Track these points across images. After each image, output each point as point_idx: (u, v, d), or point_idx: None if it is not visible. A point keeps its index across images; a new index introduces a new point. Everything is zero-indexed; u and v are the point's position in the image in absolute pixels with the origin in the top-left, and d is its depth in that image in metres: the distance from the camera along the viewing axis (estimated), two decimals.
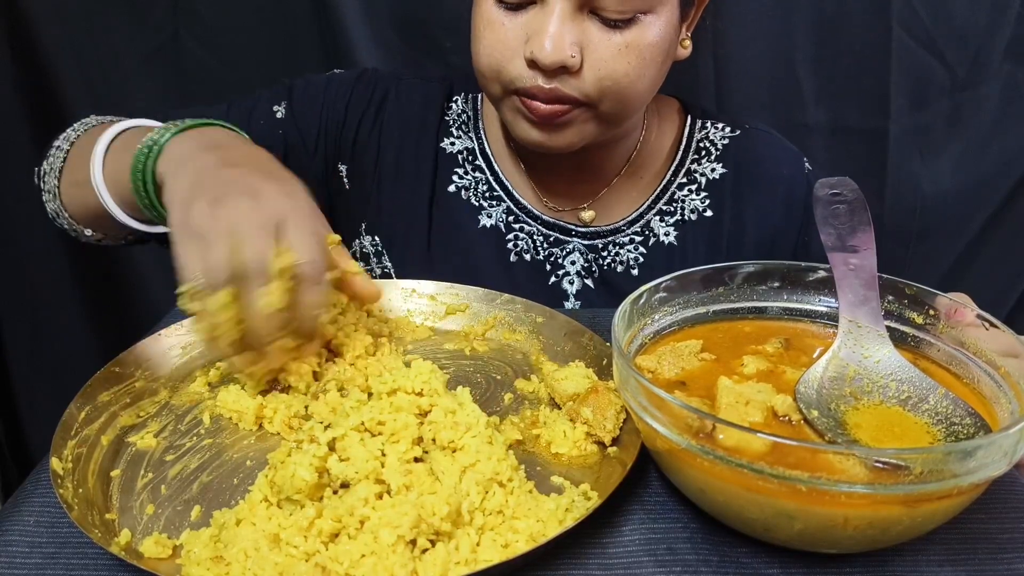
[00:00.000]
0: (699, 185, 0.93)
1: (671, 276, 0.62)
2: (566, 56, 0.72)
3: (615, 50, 0.74)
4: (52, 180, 0.84)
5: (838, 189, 0.62)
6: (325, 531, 0.47)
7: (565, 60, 0.72)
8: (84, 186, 0.78)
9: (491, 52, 0.77)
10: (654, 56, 0.76)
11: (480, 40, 0.78)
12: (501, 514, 0.50)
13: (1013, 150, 1.20)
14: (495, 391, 0.67)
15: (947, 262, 1.28)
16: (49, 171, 0.85)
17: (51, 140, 0.87)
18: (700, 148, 0.94)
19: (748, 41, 1.15)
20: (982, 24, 1.13)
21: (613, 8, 0.73)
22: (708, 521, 0.52)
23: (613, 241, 0.93)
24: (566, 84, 0.75)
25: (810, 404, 0.53)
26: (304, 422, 0.60)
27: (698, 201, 0.93)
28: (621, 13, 0.73)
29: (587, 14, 0.74)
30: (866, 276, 0.58)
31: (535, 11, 0.74)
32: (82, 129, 0.86)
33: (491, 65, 0.77)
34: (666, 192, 0.93)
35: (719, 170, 0.93)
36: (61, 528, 0.51)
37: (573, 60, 0.73)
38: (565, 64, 0.73)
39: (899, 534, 0.46)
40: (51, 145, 0.86)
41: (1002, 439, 0.43)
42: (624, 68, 0.75)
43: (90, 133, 0.83)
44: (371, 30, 1.16)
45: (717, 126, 0.96)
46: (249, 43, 1.18)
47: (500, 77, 0.77)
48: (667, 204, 0.93)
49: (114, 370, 0.63)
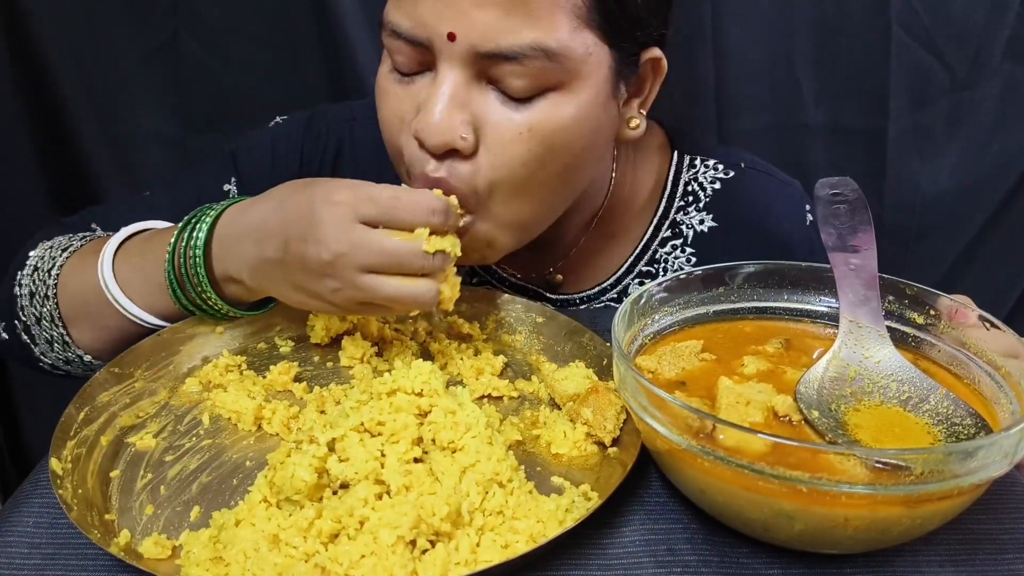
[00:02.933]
0: (685, 240, 0.82)
1: (671, 276, 0.62)
2: (455, 136, 0.60)
3: (514, 133, 0.61)
4: (56, 332, 0.72)
5: (839, 189, 0.62)
6: (325, 532, 0.47)
7: (453, 141, 0.60)
8: (106, 318, 0.69)
9: (388, 127, 0.66)
10: (567, 142, 0.63)
11: (378, 111, 0.67)
12: (501, 514, 0.50)
13: (1013, 150, 1.20)
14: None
15: (947, 262, 1.28)
16: (43, 322, 0.72)
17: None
18: (687, 192, 0.82)
19: (748, 41, 1.15)
20: (982, 24, 1.13)
21: (512, 82, 0.60)
22: (708, 521, 0.52)
23: (587, 309, 0.83)
24: (455, 173, 0.62)
25: (810, 404, 0.53)
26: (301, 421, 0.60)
27: (683, 259, 0.82)
28: (522, 90, 0.60)
29: (485, 85, 0.61)
30: (867, 276, 0.58)
31: (427, 79, 0.62)
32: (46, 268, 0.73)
33: (391, 143, 0.66)
34: (647, 250, 0.82)
35: (708, 222, 0.82)
36: (60, 529, 0.51)
37: (464, 142, 0.60)
38: (453, 145, 0.61)
39: (900, 534, 0.46)
40: (15, 296, 0.73)
41: (1003, 439, 0.43)
42: (523, 156, 0.61)
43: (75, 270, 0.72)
44: (371, 30, 1.15)
45: (708, 163, 0.83)
46: (249, 43, 1.18)
47: (402, 159, 0.66)
48: (648, 264, 0.82)
49: (114, 370, 0.63)
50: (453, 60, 0.60)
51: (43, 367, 0.76)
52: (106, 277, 0.68)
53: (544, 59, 0.59)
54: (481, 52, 0.59)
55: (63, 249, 0.74)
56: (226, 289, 0.67)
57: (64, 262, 0.73)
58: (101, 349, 0.72)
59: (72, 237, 0.78)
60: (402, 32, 0.61)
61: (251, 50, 1.18)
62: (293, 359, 0.69)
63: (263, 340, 0.72)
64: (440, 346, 0.71)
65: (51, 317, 0.71)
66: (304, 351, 0.72)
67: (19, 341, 0.74)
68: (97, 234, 0.80)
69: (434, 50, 0.60)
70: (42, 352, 0.74)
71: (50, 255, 0.74)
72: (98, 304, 0.69)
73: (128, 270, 0.69)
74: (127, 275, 0.69)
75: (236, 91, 1.18)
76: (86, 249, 0.74)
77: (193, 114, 1.19)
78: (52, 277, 0.72)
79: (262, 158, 0.84)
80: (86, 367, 0.74)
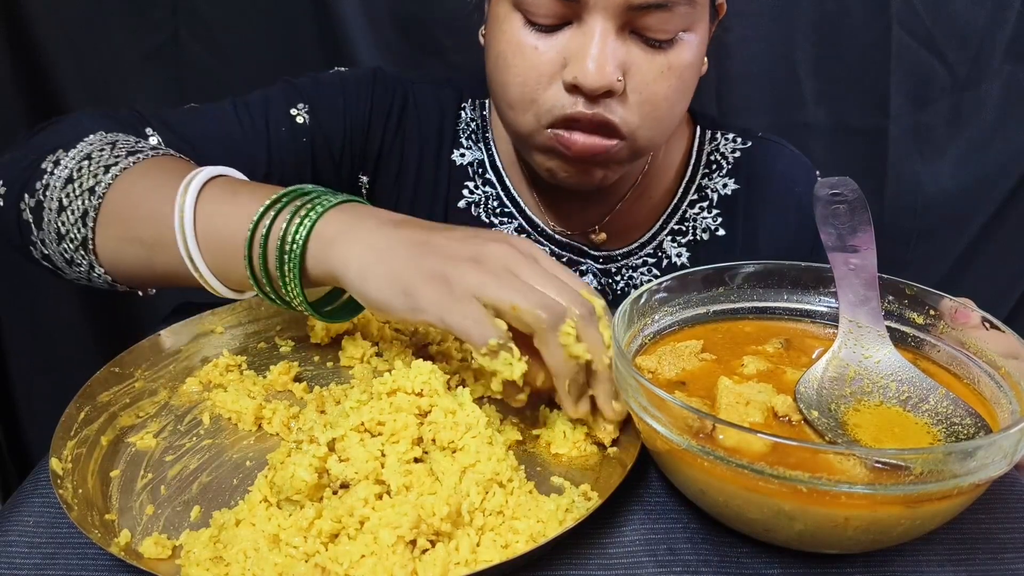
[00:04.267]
0: (711, 202, 0.90)
1: (671, 276, 0.62)
2: (612, 80, 0.67)
3: (657, 72, 0.70)
4: (79, 229, 0.63)
5: (838, 189, 0.62)
6: (325, 531, 0.47)
7: (611, 84, 0.67)
8: (155, 247, 0.62)
9: (524, 80, 0.70)
10: (691, 77, 0.73)
11: (508, 68, 0.71)
12: (501, 514, 0.50)
13: (1013, 150, 1.20)
14: None
15: (947, 262, 1.28)
16: (67, 213, 0.64)
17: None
18: (711, 161, 0.91)
19: (748, 41, 1.15)
20: (982, 24, 1.13)
21: (658, 27, 0.68)
22: (708, 521, 0.52)
23: (626, 264, 0.90)
24: (609, 110, 0.69)
25: (810, 404, 0.53)
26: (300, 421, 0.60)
27: (710, 220, 0.90)
28: (666, 33, 0.69)
29: (628, 34, 0.69)
30: (866, 276, 0.58)
31: (572, 32, 0.69)
32: (104, 163, 0.65)
33: (524, 95, 0.71)
34: (677, 211, 0.90)
35: (731, 185, 0.90)
36: (61, 528, 0.51)
37: (619, 83, 0.68)
38: (611, 88, 0.68)
39: (900, 534, 0.46)
40: (42, 171, 0.65)
41: (1002, 439, 0.43)
42: (665, 91, 0.71)
43: (143, 180, 0.64)
44: (371, 30, 1.16)
45: (727, 136, 0.92)
46: (249, 43, 1.18)
47: (535, 107, 0.71)
48: (678, 223, 0.90)
49: (114, 370, 0.63)
50: (606, 11, 0.67)
51: (30, 253, 0.68)
52: (186, 223, 0.59)
53: (687, 4, 0.68)
54: (634, 3, 0.66)
55: (130, 152, 0.66)
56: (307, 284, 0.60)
57: (129, 167, 0.64)
58: (120, 266, 0.65)
59: (140, 142, 0.70)
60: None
61: (251, 50, 1.18)
62: (293, 359, 0.69)
63: (263, 340, 0.72)
64: (440, 347, 0.71)
65: (84, 214, 0.63)
66: (304, 351, 0.72)
67: (16, 216, 0.66)
68: (159, 151, 0.69)
69: (586, 3, 0.67)
70: (43, 240, 0.65)
71: (112, 152, 0.65)
72: (156, 237, 0.61)
73: (206, 224, 0.60)
74: (205, 229, 0.60)
75: (236, 91, 1.17)
76: (161, 165, 0.66)
77: None
78: (110, 175, 0.63)
79: (333, 98, 0.85)
80: (88, 277, 0.67)
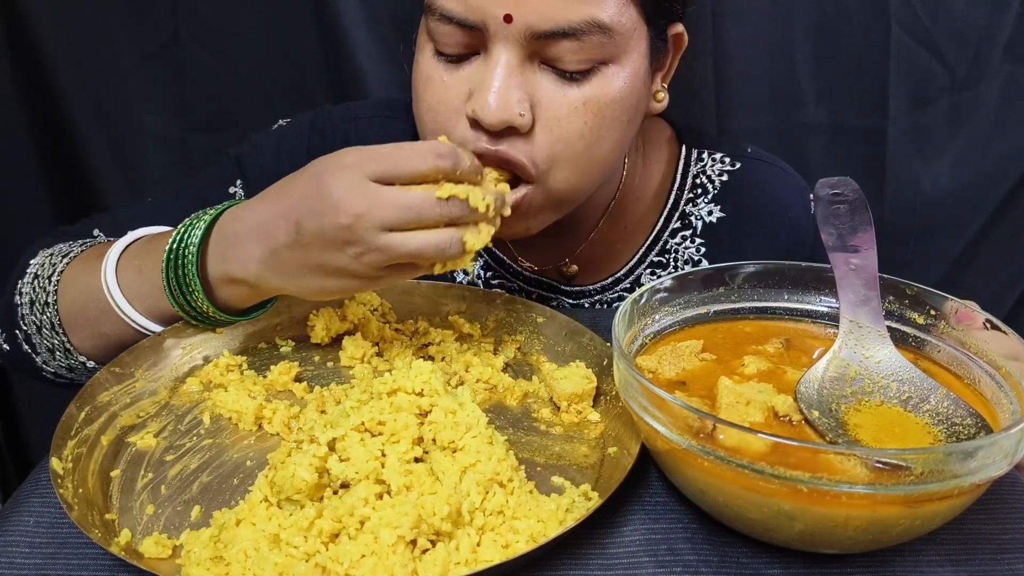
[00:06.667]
0: (694, 230, 0.84)
1: (671, 276, 0.62)
2: (513, 114, 0.62)
3: (570, 108, 0.64)
4: (59, 340, 0.71)
5: (839, 189, 0.62)
6: (325, 531, 0.47)
7: (511, 118, 0.62)
8: (121, 336, 0.68)
9: (435, 115, 0.67)
10: (617, 114, 0.66)
11: (420, 101, 0.68)
12: (501, 514, 0.50)
13: (1013, 150, 1.20)
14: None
15: (947, 262, 1.28)
16: (44, 330, 0.71)
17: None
18: (696, 185, 0.85)
19: (748, 41, 1.14)
20: (982, 24, 1.13)
21: (569, 58, 0.62)
22: (708, 521, 0.52)
23: (601, 300, 0.85)
24: (514, 147, 0.64)
25: (811, 404, 0.53)
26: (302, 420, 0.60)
27: (692, 249, 0.84)
28: (578, 64, 0.63)
29: (538, 65, 0.64)
30: (867, 276, 0.58)
31: (478, 63, 0.64)
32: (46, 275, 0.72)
33: (436, 130, 0.67)
34: (658, 242, 0.85)
35: (716, 213, 0.84)
36: (61, 528, 0.51)
37: (522, 119, 0.63)
38: (512, 123, 0.63)
39: (900, 534, 0.46)
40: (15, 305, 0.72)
41: (1003, 440, 0.43)
42: (580, 128, 0.64)
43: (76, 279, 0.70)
44: (371, 30, 1.15)
45: (715, 156, 0.86)
46: (249, 43, 1.17)
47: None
48: (659, 255, 0.85)
49: (114, 370, 0.63)
50: (508, 41, 0.62)
51: (46, 376, 0.75)
52: (109, 282, 0.67)
53: (599, 34, 0.62)
54: (538, 32, 0.61)
55: (63, 255, 0.73)
56: (222, 292, 0.66)
57: (64, 268, 0.72)
58: (104, 356, 0.70)
59: (73, 244, 0.77)
60: (454, 16, 0.63)
61: (251, 50, 1.18)
62: (293, 359, 0.69)
63: (263, 340, 0.72)
64: (440, 347, 0.71)
65: (51, 324, 0.70)
66: (304, 351, 0.72)
67: (21, 351, 0.74)
68: (99, 240, 0.78)
69: (488, 33, 0.62)
70: (44, 361, 0.73)
71: (50, 262, 0.73)
72: (99, 310, 0.68)
73: (130, 274, 0.68)
74: (129, 280, 0.68)
75: (236, 91, 1.17)
76: (87, 254, 0.73)
77: (193, 114, 1.19)
78: (52, 283, 0.71)
79: (267, 161, 0.84)
80: (90, 373, 0.72)
